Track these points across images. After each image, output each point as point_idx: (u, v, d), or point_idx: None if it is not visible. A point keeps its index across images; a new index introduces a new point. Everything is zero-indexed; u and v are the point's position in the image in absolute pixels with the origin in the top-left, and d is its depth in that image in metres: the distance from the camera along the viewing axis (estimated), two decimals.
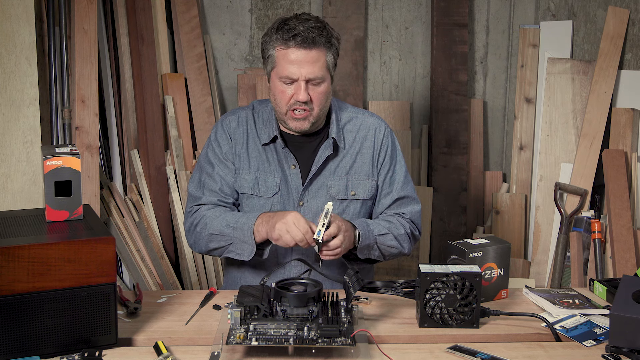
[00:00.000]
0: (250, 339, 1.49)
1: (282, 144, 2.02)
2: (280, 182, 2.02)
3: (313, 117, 1.97)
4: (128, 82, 3.22)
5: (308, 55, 1.90)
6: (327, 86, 1.96)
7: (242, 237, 1.92)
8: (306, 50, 1.90)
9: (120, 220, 3.12)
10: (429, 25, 3.53)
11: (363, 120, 2.10)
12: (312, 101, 1.94)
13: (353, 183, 2.05)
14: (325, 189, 2.03)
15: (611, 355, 1.57)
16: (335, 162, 2.05)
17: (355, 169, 2.06)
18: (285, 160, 2.03)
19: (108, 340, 1.54)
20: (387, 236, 2.00)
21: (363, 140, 2.08)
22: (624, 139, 3.38)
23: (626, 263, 3.08)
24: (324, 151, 2.02)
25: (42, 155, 1.59)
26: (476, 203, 3.59)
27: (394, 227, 2.03)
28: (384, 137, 2.09)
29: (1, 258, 1.42)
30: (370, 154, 2.07)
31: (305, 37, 1.88)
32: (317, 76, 1.92)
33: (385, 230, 2.00)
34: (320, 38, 1.91)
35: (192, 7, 3.33)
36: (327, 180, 2.03)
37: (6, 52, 2.68)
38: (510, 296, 1.92)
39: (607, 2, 3.51)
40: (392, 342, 1.64)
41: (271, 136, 2.03)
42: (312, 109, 1.95)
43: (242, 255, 1.95)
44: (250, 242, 1.92)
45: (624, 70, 3.47)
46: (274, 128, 2.03)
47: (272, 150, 2.04)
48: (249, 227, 1.91)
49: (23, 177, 2.70)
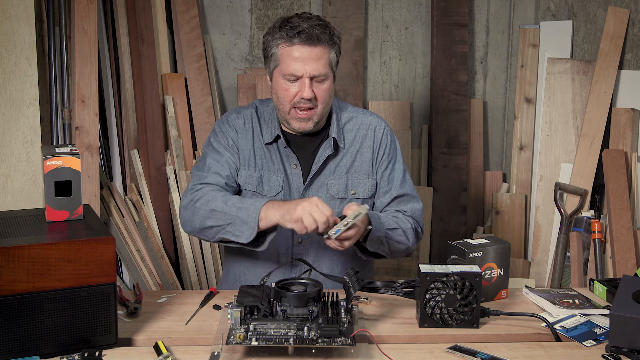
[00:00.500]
0: (250, 339, 1.49)
1: (285, 143, 2.02)
2: (282, 182, 2.03)
3: (317, 116, 1.97)
4: (128, 82, 3.22)
5: (312, 52, 1.90)
6: (330, 84, 1.97)
7: (244, 218, 1.83)
8: (310, 47, 1.90)
9: (120, 220, 3.12)
10: (429, 25, 3.53)
11: (363, 120, 2.10)
12: (316, 99, 1.94)
13: (353, 182, 2.05)
14: (325, 188, 2.03)
15: (611, 355, 1.57)
16: (335, 161, 2.05)
17: (355, 168, 2.06)
18: (287, 159, 2.03)
19: (108, 340, 1.54)
20: (397, 231, 1.99)
21: (363, 140, 2.08)
22: (624, 139, 3.38)
23: (626, 263, 3.08)
24: (324, 151, 2.02)
25: (42, 155, 1.59)
26: (476, 203, 3.59)
27: (401, 222, 2.02)
28: (383, 135, 2.09)
29: (1, 258, 1.42)
30: (370, 153, 2.08)
31: (310, 33, 1.89)
32: (321, 73, 1.92)
33: (395, 225, 1.99)
34: (324, 35, 1.91)
35: (192, 7, 3.33)
36: (327, 179, 2.03)
37: (6, 52, 2.68)
38: (510, 296, 1.92)
39: (607, 2, 3.51)
40: (392, 342, 1.64)
41: (274, 135, 2.03)
42: (315, 107, 1.95)
43: (239, 237, 1.85)
44: (252, 225, 1.82)
45: (624, 70, 3.47)
46: (276, 127, 2.03)
47: (274, 149, 2.04)
48: (255, 208, 1.82)
49: (23, 177, 2.70)
